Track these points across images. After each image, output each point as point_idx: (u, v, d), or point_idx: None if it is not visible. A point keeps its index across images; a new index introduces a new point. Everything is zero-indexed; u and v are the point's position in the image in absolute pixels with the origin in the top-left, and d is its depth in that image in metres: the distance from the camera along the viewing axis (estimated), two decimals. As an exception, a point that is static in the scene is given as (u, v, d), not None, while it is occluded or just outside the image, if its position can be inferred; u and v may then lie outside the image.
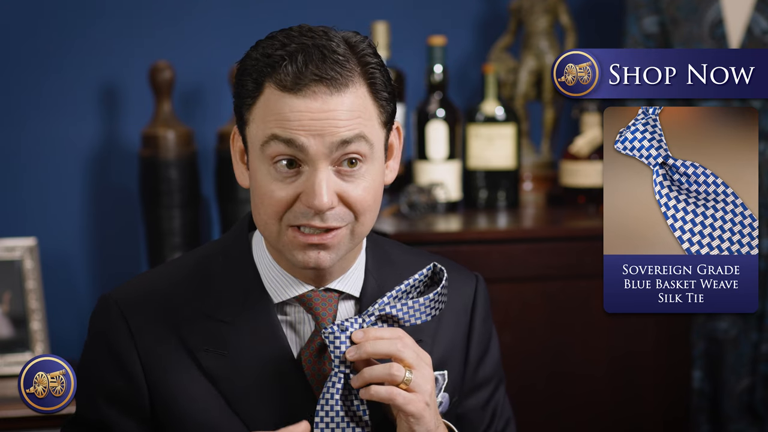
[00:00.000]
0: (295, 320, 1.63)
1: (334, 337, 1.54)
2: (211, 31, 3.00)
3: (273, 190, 1.54)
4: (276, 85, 1.53)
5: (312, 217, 1.54)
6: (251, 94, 1.55)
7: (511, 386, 2.64)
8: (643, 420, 2.69)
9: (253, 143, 1.57)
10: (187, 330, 1.60)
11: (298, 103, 1.52)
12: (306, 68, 1.52)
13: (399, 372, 1.52)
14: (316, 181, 1.52)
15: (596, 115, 2.92)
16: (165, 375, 1.59)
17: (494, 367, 1.77)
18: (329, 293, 1.63)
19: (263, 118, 1.54)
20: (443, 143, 2.85)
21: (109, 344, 1.61)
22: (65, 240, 2.94)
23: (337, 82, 1.52)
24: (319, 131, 1.52)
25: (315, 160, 1.53)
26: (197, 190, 2.86)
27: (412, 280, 1.59)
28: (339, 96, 1.52)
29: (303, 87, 1.52)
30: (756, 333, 2.88)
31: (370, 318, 1.55)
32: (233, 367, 1.59)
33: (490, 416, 1.75)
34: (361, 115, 1.54)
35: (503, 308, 2.61)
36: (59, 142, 2.93)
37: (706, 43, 2.87)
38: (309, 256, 1.56)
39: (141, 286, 1.65)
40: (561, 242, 2.67)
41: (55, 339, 2.81)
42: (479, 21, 3.20)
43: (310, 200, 1.52)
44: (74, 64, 2.93)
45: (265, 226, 1.57)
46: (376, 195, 1.58)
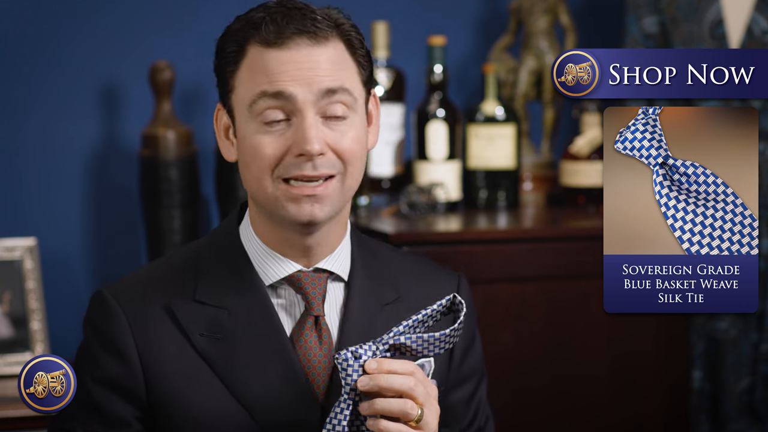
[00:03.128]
0: (288, 303, 1.66)
1: (347, 365, 1.53)
2: (211, 31, 2.98)
3: (263, 144, 1.59)
4: (259, 43, 1.60)
5: (304, 166, 1.58)
6: (234, 59, 1.62)
7: (511, 386, 2.64)
8: (643, 420, 2.69)
9: (240, 106, 1.61)
10: (182, 316, 1.62)
11: (283, 55, 1.58)
12: (287, 24, 1.59)
13: (413, 411, 1.53)
14: (305, 127, 1.58)
15: (596, 115, 2.92)
16: (161, 359, 1.61)
17: (478, 363, 1.79)
18: (318, 273, 1.65)
19: (249, 79, 1.60)
20: (443, 143, 2.85)
21: (104, 333, 1.63)
22: (65, 240, 2.94)
23: (318, 35, 1.59)
24: (306, 80, 1.58)
25: (303, 109, 1.58)
26: (197, 190, 2.86)
27: (430, 310, 1.58)
28: (321, 47, 1.59)
29: (286, 39, 1.58)
30: (756, 333, 2.88)
31: (384, 346, 1.55)
32: (229, 349, 1.61)
33: (473, 411, 1.78)
34: (343, 68, 1.61)
35: (503, 308, 2.61)
36: (59, 142, 2.93)
37: (706, 43, 2.87)
38: (303, 209, 1.60)
39: (133, 279, 1.68)
40: (561, 242, 2.67)
41: (55, 339, 2.81)
42: (479, 21, 3.20)
43: (302, 146, 1.57)
44: (74, 64, 2.93)
45: (258, 183, 1.60)
46: (363, 148, 1.64)
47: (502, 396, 2.56)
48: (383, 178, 2.91)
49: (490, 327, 2.58)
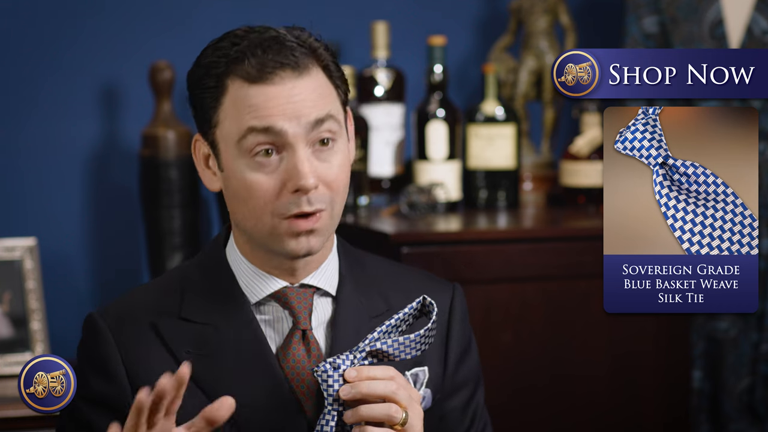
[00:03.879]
0: (273, 318, 1.65)
1: (327, 376, 1.54)
2: (211, 31, 2.99)
3: (258, 182, 1.58)
4: (242, 79, 1.58)
5: (301, 203, 1.57)
6: (214, 96, 1.60)
7: (511, 386, 2.64)
8: (643, 420, 2.69)
9: (226, 142, 1.60)
10: (168, 335, 1.63)
11: (268, 90, 1.57)
12: (267, 57, 1.57)
13: (398, 414, 1.54)
14: (298, 162, 1.57)
15: (596, 115, 2.92)
16: (148, 378, 1.59)
17: (474, 370, 1.78)
18: (304, 288, 1.65)
19: (235, 115, 1.58)
20: (443, 143, 2.84)
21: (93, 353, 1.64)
22: (65, 240, 2.94)
23: (299, 66, 1.58)
24: (295, 114, 1.57)
25: (294, 143, 1.57)
26: (197, 190, 2.86)
27: (402, 314, 1.59)
28: (304, 79, 1.58)
29: (269, 74, 1.57)
30: (756, 333, 2.88)
31: (361, 354, 1.56)
32: (215, 367, 1.61)
33: (470, 418, 1.76)
34: (327, 96, 1.60)
35: (503, 308, 2.61)
36: (59, 142, 2.93)
37: (706, 43, 2.87)
38: (300, 243, 1.59)
39: (122, 301, 1.69)
40: (561, 242, 2.67)
41: (55, 339, 2.81)
42: (479, 21, 3.20)
43: (296, 182, 1.56)
44: (74, 64, 2.93)
45: (256, 220, 1.60)
46: (347, 173, 1.63)
47: (502, 396, 2.56)
48: (383, 178, 2.91)
49: (490, 327, 2.58)
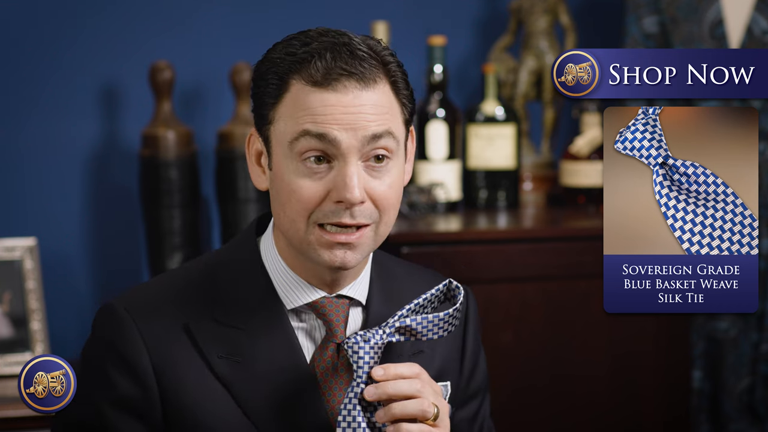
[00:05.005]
0: (310, 327, 1.63)
1: (358, 347, 1.54)
2: (211, 31, 3.00)
3: (302, 187, 1.54)
4: (305, 81, 1.54)
5: (342, 214, 1.54)
6: (275, 93, 1.56)
7: (511, 386, 2.64)
8: (643, 420, 2.69)
9: (279, 141, 1.56)
10: (201, 336, 1.58)
11: (330, 97, 1.53)
12: (335, 63, 1.53)
13: (430, 409, 1.53)
14: (347, 175, 1.53)
15: (596, 115, 2.92)
16: (178, 382, 1.57)
17: (483, 380, 1.78)
18: (341, 300, 1.63)
19: (292, 115, 1.55)
20: (443, 143, 2.84)
21: (119, 352, 1.58)
22: (65, 240, 2.94)
23: (366, 77, 1.54)
24: (352, 125, 1.53)
25: (346, 155, 1.53)
26: (197, 190, 2.86)
27: (429, 294, 1.59)
28: (368, 91, 1.54)
29: (333, 81, 1.53)
30: (756, 333, 2.88)
31: (390, 329, 1.56)
32: (248, 373, 1.58)
33: (478, 427, 1.76)
34: (389, 111, 1.56)
35: (503, 308, 2.61)
36: (59, 142, 2.93)
37: (706, 43, 2.87)
38: (335, 255, 1.56)
39: (147, 293, 1.63)
40: (561, 242, 2.67)
41: (55, 339, 2.81)
42: (479, 21, 3.20)
43: (342, 194, 1.53)
44: (74, 64, 2.93)
45: (291, 224, 1.57)
46: (399, 193, 1.59)
47: (502, 396, 2.56)
48: (383, 178, 2.91)
49: (491, 327, 2.58)
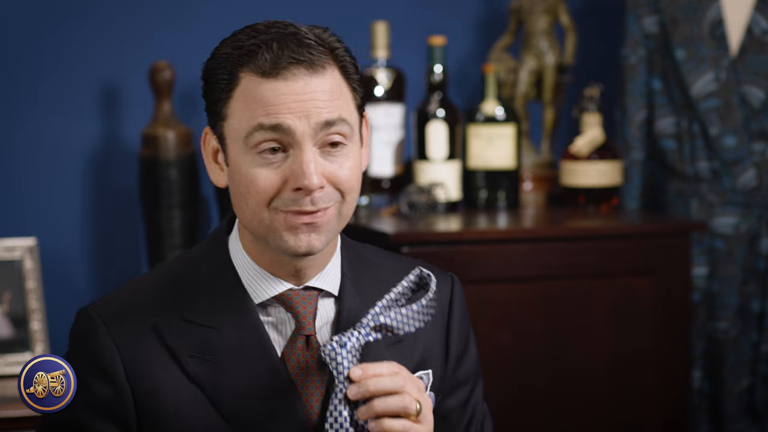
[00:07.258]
0: (277, 321, 1.63)
1: (335, 354, 1.53)
2: (211, 31, 2.98)
3: (259, 177, 1.55)
4: (254, 73, 1.55)
5: (302, 201, 1.55)
6: (226, 88, 1.58)
7: (511, 387, 2.64)
8: (642, 420, 2.69)
9: (234, 138, 1.58)
10: (171, 337, 1.59)
11: (280, 86, 1.54)
12: (282, 52, 1.55)
13: (413, 404, 1.53)
14: (304, 162, 1.54)
15: (596, 115, 2.92)
16: (151, 384, 1.58)
17: (473, 366, 1.78)
18: (308, 291, 1.63)
19: (244, 109, 1.56)
20: (443, 143, 2.85)
21: (93, 356, 1.59)
22: (65, 240, 2.94)
23: (314, 64, 1.55)
24: (304, 112, 1.54)
25: (301, 142, 1.55)
26: (197, 190, 2.86)
27: (400, 287, 1.59)
28: (318, 77, 1.55)
29: (282, 70, 1.54)
30: (756, 333, 2.88)
31: (365, 329, 1.55)
32: (219, 371, 1.59)
33: (470, 414, 1.76)
34: (340, 98, 1.57)
35: (502, 308, 2.61)
36: (59, 142, 2.93)
37: (706, 43, 2.87)
38: (301, 239, 1.57)
39: (119, 298, 1.64)
40: (561, 242, 2.67)
41: (55, 339, 2.81)
42: (479, 21, 3.20)
43: (300, 181, 1.54)
44: (74, 64, 2.93)
45: (253, 215, 1.57)
46: (359, 176, 1.60)
47: (502, 396, 2.56)
48: (383, 178, 2.91)
49: (490, 327, 2.58)
